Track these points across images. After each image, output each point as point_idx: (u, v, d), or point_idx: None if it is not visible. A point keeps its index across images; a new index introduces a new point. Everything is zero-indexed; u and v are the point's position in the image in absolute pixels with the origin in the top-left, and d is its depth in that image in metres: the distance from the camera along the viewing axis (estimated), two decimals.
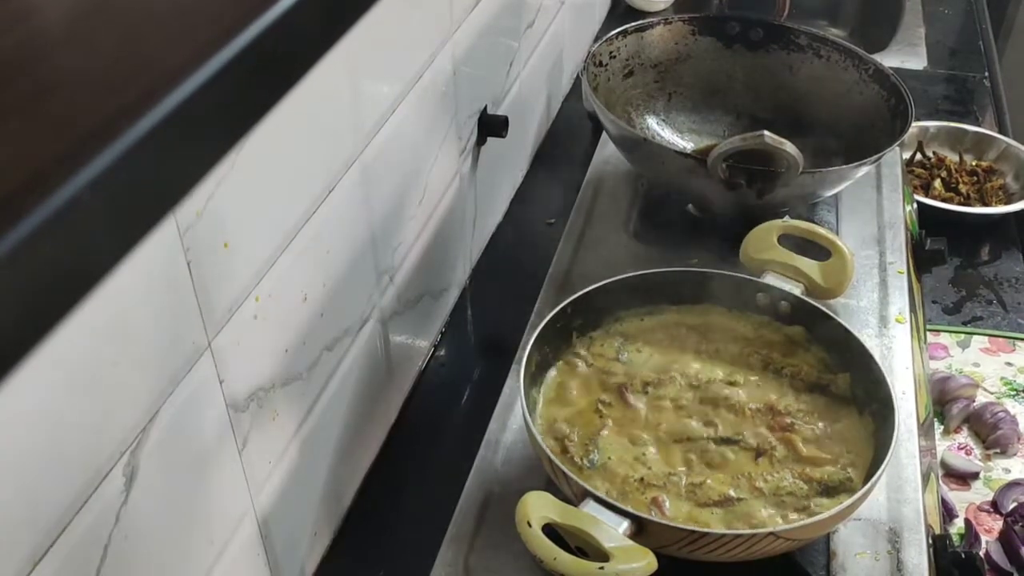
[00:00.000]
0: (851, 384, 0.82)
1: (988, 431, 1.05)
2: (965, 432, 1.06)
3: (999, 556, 0.94)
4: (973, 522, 0.98)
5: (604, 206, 1.11)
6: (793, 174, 0.92)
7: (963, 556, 0.78)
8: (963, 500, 1.01)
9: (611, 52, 1.16)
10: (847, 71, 1.16)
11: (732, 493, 0.75)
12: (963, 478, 1.02)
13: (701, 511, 0.74)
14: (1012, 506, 0.98)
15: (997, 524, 0.98)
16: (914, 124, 1.27)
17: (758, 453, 0.78)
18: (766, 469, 0.76)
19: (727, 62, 1.22)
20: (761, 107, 1.22)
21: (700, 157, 0.96)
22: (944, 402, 1.08)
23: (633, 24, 1.18)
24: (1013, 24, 2.28)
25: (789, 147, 0.91)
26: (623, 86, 1.18)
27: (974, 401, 1.08)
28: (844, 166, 0.98)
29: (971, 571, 0.78)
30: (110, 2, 0.33)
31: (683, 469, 0.77)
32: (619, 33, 1.16)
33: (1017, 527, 0.94)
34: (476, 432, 0.83)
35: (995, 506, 1.00)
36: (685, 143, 1.20)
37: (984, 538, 0.96)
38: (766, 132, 0.92)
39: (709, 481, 0.75)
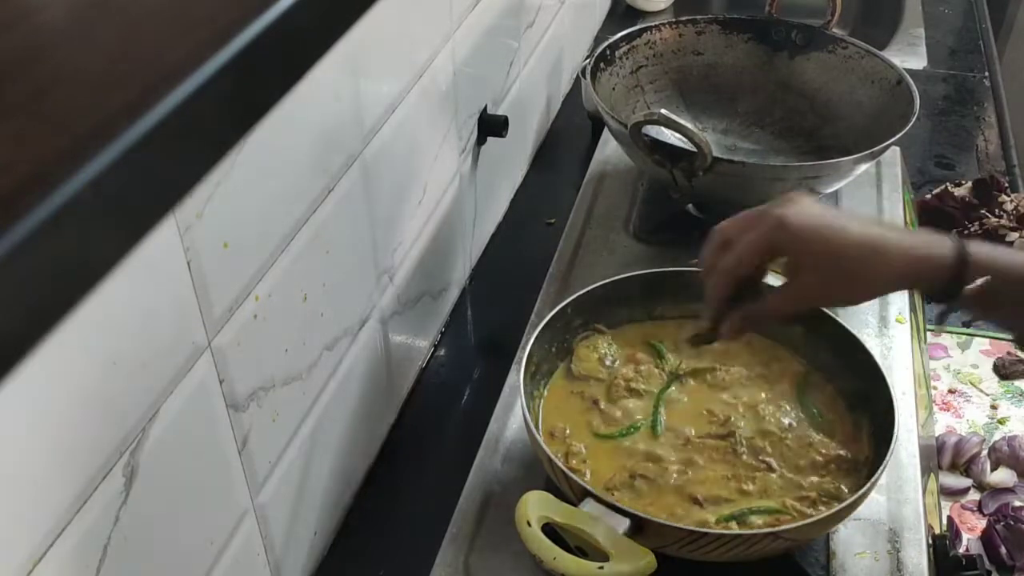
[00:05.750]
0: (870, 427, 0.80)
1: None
2: (1001, 471, 1.04)
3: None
4: (956, 520, 0.98)
5: (604, 206, 1.11)
6: (704, 156, 0.91)
7: (963, 560, 0.78)
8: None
9: (618, 52, 1.16)
10: (856, 71, 1.16)
11: (746, 487, 0.75)
12: (956, 494, 1.02)
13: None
14: (995, 507, 0.99)
15: (980, 523, 0.98)
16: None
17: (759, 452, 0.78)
18: (777, 458, 0.77)
19: (739, 63, 1.22)
20: (770, 107, 1.22)
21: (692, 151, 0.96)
22: (966, 463, 1.05)
23: (641, 26, 1.19)
24: (1013, 24, 2.28)
25: (690, 127, 0.91)
26: (628, 86, 1.18)
27: (989, 446, 1.06)
28: (841, 159, 0.98)
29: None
30: (110, 1, 0.33)
31: (678, 463, 0.77)
32: (627, 35, 1.17)
33: (999, 527, 0.95)
34: (476, 432, 0.83)
35: (980, 506, 1.00)
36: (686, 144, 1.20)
37: (966, 536, 0.96)
38: (663, 111, 0.92)
39: (713, 472, 0.76)
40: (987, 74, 1.68)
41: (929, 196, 1.33)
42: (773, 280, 0.89)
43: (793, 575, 0.74)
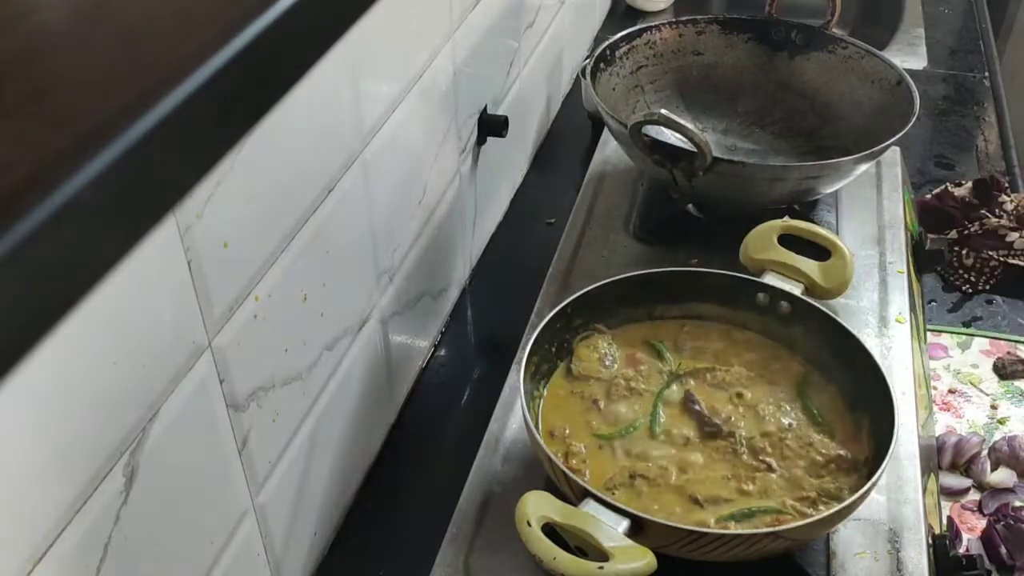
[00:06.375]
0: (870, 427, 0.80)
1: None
2: (1001, 471, 1.04)
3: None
4: (956, 520, 0.98)
5: (604, 206, 1.11)
6: (704, 156, 0.91)
7: (963, 560, 0.78)
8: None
9: (618, 52, 1.16)
10: (856, 71, 1.16)
11: (746, 487, 0.75)
12: (956, 494, 1.02)
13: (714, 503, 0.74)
14: (995, 507, 0.99)
15: (980, 523, 0.98)
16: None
17: (759, 451, 0.78)
18: (777, 458, 0.77)
19: (739, 63, 1.22)
20: (770, 107, 1.22)
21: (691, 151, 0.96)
22: (966, 463, 1.05)
23: (641, 26, 1.19)
24: (1013, 24, 2.28)
25: (690, 127, 0.91)
26: (628, 86, 1.18)
27: (989, 446, 1.06)
28: (841, 159, 0.98)
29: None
30: (110, 1, 0.33)
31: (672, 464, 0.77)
32: (627, 35, 1.17)
33: (999, 527, 0.95)
34: (476, 432, 0.84)
35: (980, 506, 1.00)
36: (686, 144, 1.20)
37: (966, 536, 0.96)
38: (663, 111, 0.92)
39: (714, 474, 0.76)
40: (987, 74, 1.68)
41: (929, 196, 1.33)
42: (772, 280, 0.89)
43: (793, 575, 0.74)
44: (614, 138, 1.10)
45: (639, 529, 0.67)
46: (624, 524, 0.66)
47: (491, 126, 1.16)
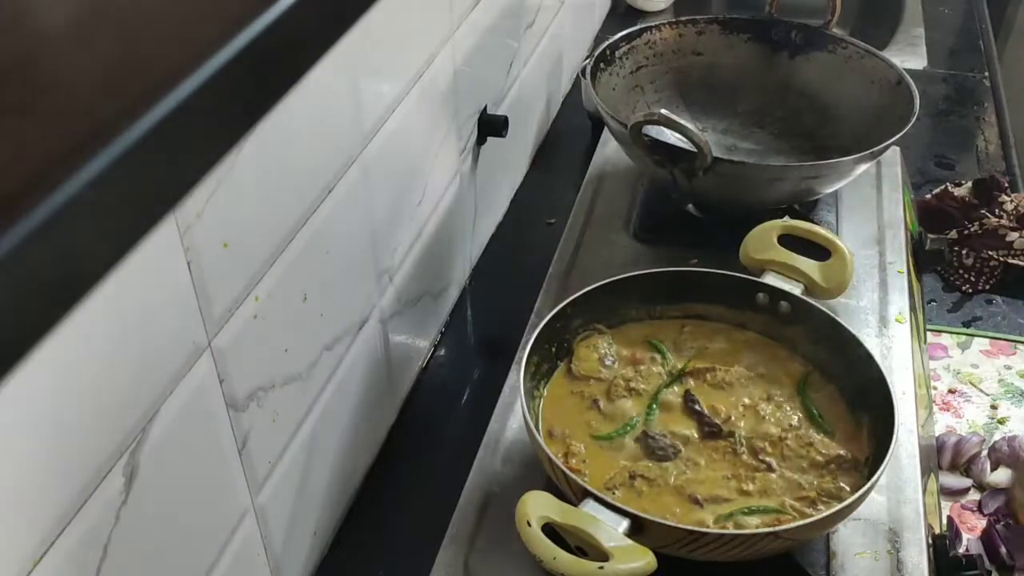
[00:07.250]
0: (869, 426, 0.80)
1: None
2: (1001, 471, 1.04)
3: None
4: (956, 520, 0.98)
5: (604, 206, 1.11)
6: (704, 156, 0.91)
7: (963, 560, 0.78)
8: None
9: (618, 52, 1.16)
10: (856, 71, 1.16)
11: (746, 487, 0.75)
12: (955, 494, 1.02)
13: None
14: (995, 507, 0.99)
15: (980, 523, 0.98)
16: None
17: (759, 451, 0.78)
18: (777, 458, 0.77)
19: (739, 63, 1.22)
20: (770, 107, 1.22)
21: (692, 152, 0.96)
22: (966, 463, 1.04)
23: (641, 26, 1.19)
24: (1013, 24, 2.28)
25: (690, 127, 0.91)
26: (628, 86, 1.18)
27: (989, 446, 1.06)
28: (841, 159, 0.98)
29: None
30: (110, 2, 0.33)
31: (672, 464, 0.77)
32: (627, 35, 1.17)
33: (999, 527, 0.95)
34: (476, 432, 0.84)
35: (980, 506, 1.00)
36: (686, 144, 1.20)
37: (966, 536, 0.96)
38: (663, 111, 0.93)
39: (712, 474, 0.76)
40: (987, 74, 1.68)
41: (929, 196, 1.33)
42: (772, 280, 0.89)
43: (793, 575, 0.74)
44: (614, 138, 1.10)
45: (639, 529, 0.67)
46: (624, 524, 0.66)
47: (491, 126, 1.16)
